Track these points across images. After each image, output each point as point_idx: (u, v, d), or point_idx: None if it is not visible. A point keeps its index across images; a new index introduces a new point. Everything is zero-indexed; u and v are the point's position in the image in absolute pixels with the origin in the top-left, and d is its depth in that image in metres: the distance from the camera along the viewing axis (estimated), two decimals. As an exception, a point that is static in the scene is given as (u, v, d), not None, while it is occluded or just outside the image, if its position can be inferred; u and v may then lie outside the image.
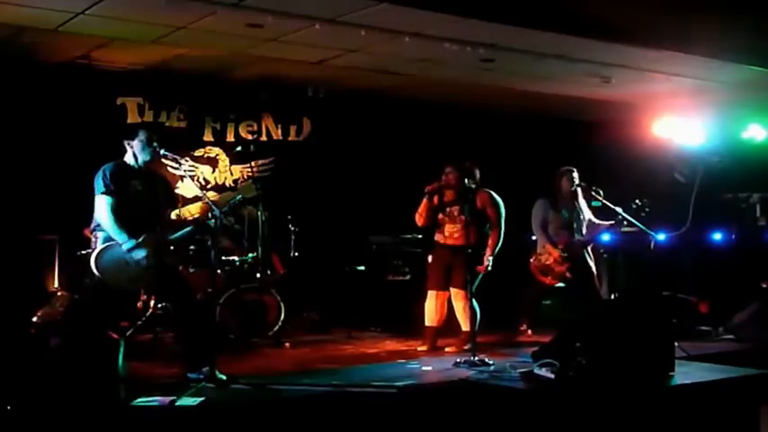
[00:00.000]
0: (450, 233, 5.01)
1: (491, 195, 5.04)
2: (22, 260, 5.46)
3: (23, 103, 5.71)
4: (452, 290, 4.97)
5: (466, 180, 4.84)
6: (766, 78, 6.11)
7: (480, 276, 4.89)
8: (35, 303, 5.00)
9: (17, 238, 5.49)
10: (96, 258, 3.78)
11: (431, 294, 5.06)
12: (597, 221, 5.55)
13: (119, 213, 3.82)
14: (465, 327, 4.90)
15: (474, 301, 4.79)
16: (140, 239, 3.80)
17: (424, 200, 5.03)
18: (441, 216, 5.07)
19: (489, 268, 4.90)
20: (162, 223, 4.04)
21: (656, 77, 6.21)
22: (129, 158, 4.01)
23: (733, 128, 6.82)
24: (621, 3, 4.80)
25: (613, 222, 5.40)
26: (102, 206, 3.83)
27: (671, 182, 6.81)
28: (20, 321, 4.57)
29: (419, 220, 5.10)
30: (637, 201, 5.26)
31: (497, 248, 4.95)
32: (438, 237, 5.11)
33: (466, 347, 4.71)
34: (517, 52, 5.52)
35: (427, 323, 5.07)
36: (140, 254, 3.80)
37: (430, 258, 5.19)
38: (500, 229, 4.98)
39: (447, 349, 4.93)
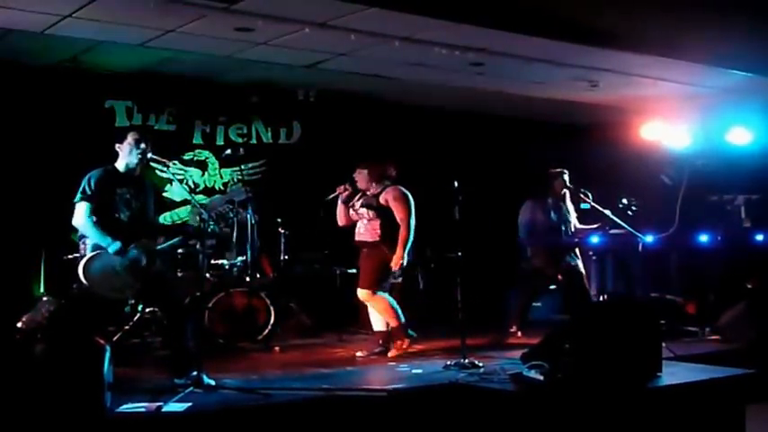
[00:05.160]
0: (358, 229, 5.01)
1: (399, 191, 4.93)
2: (8, 264, 5.41)
3: (10, 107, 5.67)
4: (358, 290, 4.90)
5: (375, 180, 4.87)
6: (751, 83, 6.18)
7: (398, 273, 4.86)
8: (20, 308, 4.94)
9: (2, 243, 5.44)
10: (84, 267, 3.73)
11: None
12: (582, 226, 5.58)
13: (100, 220, 3.76)
14: (376, 327, 4.93)
15: (387, 295, 4.83)
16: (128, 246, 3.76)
17: (338, 202, 5.06)
18: (352, 213, 5.07)
19: (404, 265, 4.84)
20: (150, 230, 4.00)
21: (643, 82, 6.26)
22: (118, 163, 3.94)
23: (718, 131, 6.88)
24: (609, 8, 4.84)
25: (599, 225, 5.43)
26: (80, 212, 3.77)
27: (658, 184, 6.86)
28: (4, 327, 4.51)
29: (339, 220, 5.11)
30: (624, 200, 5.28)
31: (408, 244, 4.84)
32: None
33: (405, 346, 4.76)
34: (506, 56, 5.55)
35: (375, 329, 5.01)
36: (132, 252, 3.75)
37: None
38: (408, 224, 4.85)
39: (389, 354, 4.81)
